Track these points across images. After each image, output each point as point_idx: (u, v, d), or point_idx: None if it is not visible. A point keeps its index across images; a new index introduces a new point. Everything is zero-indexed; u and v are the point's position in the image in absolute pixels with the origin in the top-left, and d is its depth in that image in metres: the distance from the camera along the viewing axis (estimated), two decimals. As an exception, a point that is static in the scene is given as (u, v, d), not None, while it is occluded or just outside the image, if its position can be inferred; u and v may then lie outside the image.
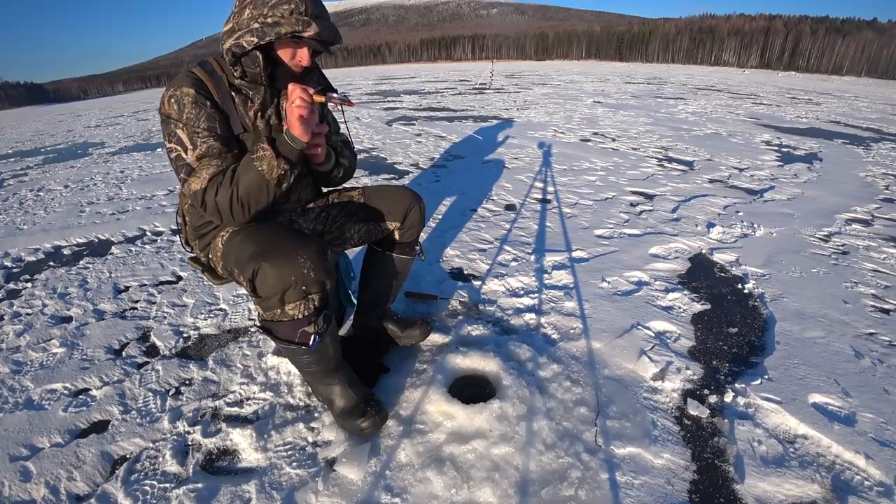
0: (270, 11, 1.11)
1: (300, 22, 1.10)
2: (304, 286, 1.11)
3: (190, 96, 1.15)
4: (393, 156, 5.10)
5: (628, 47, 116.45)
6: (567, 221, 3.03)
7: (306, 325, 1.16)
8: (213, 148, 1.16)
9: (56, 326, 2.02)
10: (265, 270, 1.09)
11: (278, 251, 1.11)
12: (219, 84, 1.20)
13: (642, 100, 10.88)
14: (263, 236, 1.17)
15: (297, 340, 1.19)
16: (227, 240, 1.26)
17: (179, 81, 1.17)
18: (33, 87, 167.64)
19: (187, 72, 1.21)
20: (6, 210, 3.98)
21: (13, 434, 1.42)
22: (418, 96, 12.18)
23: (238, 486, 1.21)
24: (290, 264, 1.09)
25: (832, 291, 2.15)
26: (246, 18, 1.13)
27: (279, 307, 1.13)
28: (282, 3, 1.10)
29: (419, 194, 1.55)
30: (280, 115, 1.31)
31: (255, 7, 1.12)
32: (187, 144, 1.15)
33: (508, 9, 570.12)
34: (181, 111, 1.15)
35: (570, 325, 1.87)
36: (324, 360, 1.30)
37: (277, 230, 1.20)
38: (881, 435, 1.34)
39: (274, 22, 1.11)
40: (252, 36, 1.12)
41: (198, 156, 1.16)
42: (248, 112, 1.25)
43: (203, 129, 1.16)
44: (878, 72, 70.96)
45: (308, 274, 1.10)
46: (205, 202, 1.16)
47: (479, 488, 1.17)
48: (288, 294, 1.11)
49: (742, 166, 4.54)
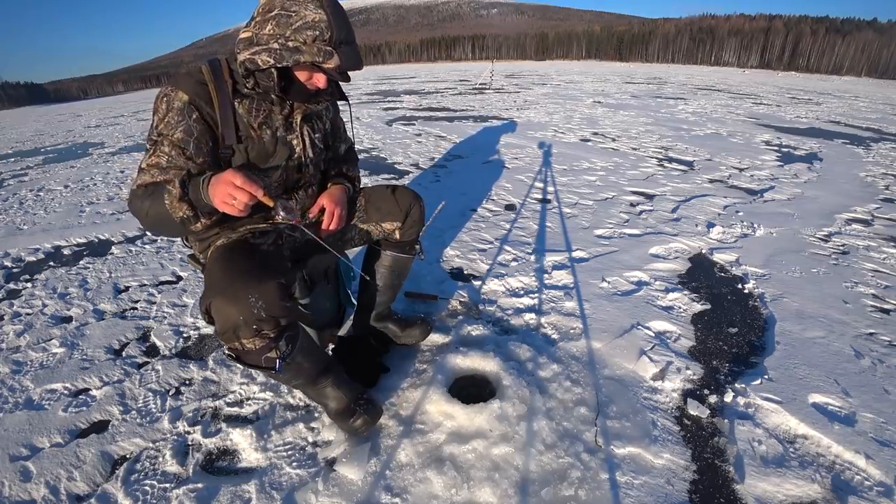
0: (293, 35, 1.05)
1: (321, 52, 1.06)
2: (254, 325, 1.06)
3: (181, 101, 1.11)
4: (393, 156, 5.10)
5: (628, 47, 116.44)
6: (567, 221, 3.03)
7: (268, 352, 1.12)
8: (170, 160, 1.10)
9: (56, 326, 2.02)
10: (216, 306, 1.05)
11: (231, 289, 1.05)
12: (222, 90, 1.15)
13: (642, 100, 10.88)
14: (227, 265, 1.13)
15: (264, 365, 1.15)
16: (211, 253, 1.24)
17: (178, 82, 1.14)
18: (33, 87, 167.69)
19: (194, 71, 1.17)
20: (6, 210, 3.98)
21: (13, 434, 1.42)
22: (418, 96, 12.18)
23: (238, 486, 1.21)
24: (238, 304, 1.03)
25: (832, 291, 2.15)
26: (266, 34, 1.07)
27: (236, 341, 1.08)
28: (306, 28, 1.04)
29: (419, 194, 1.55)
30: (289, 128, 1.26)
31: (279, 25, 1.06)
32: (149, 147, 1.12)
33: (508, 9, 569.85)
34: (165, 113, 1.11)
35: (570, 325, 1.87)
36: (301, 373, 1.26)
37: (244, 259, 1.14)
38: (881, 435, 1.34)
39: (294, 47, 1.06)
40: (269, 56, 1.08)
41: (149, 164, 1.11)
42: (253, 121, 1.20)
43: (171, 140, 1.10)
44: (878, 72, 70.96)
45: (258, 314, 1.04)
46: (130, 208, 1.13)
47: (479, 488, 1.17)
48: (240, 331, 1.06)
49: (742, 166, 4.54)
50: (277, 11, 1.06)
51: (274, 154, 1.24)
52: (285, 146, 1.26)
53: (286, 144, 1.26)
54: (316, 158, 1.36)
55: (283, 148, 1.25)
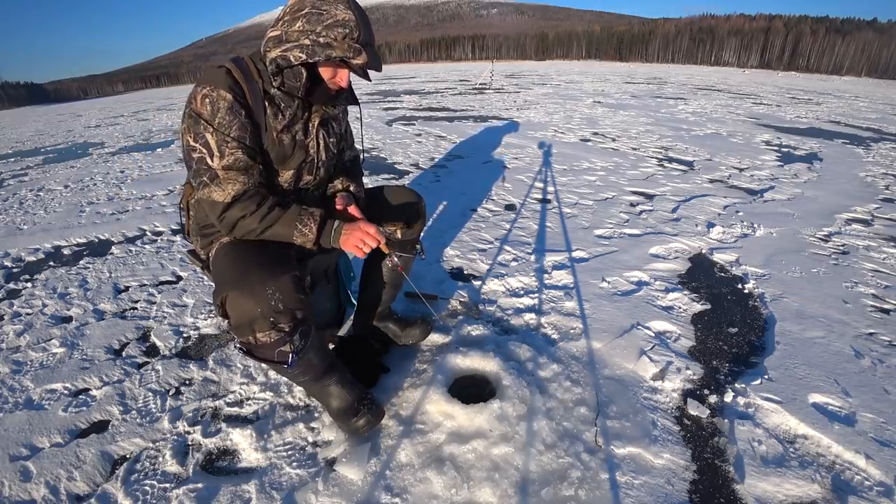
0: (325, 31, 1.08)
1: (352, 49, 1.09)
2: (271, 318, 1.08)
3: (227, 101, 1.11)
4: (393, 156, 5.10)
5: (628, 47, 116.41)
6: (567, 221, 3.03)
7: (282, 346, 1.14)
8: (240, 161, 1.14)
9: (56, 326, 2.02)
10: (233, 300, 1.07)
11: (247, 282, 1.07)
12: (254, 91, 1.16)
13: (642, 100, 10.88)
14: (240, 259, 1.14)
15: (276, 360, 1.16)
16: (217, 250, 1.25)
17: (216, 80, 1.12)
18: (33, 87, 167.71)
19: (223, 69, 1.15)
20: (6, 210, 3.98)
21: (13, 434, 1.42)
22: (418, 96, 12.18)
23: (238, 486, 1.21)
24: (257, 297, 1.06)
25: (832, 291, 2.15)
26: (297, 31, 1.10)
27: (250, 334, 1.10)
28: (337, 26, 1.08)
29: (420, 194, 1.55)
30: (307, 132, 1.28)
31: (309, 22, 1.09)
32: (214, 151, 1.12)
33: (508, 9, 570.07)
34: (214, 114, 1.11)
35: (570, 325, 1.87)
36: (310, 369, 1.28)
37: (256, 254, 1.16)
38: (881, 435, 1.34)
39: (326, 43, 1.09)
40: (301, 52, 1.10)
41: (224, 166, 1.13)
42: (277, 125, 1.22)
43: (233, 138, 1.12)
44: (878, 72, 70.95)
45: (276, 305, 1.07)
46: (224, 217, 1.15)
47: (479, 488, 1.17)
48: (256, 324, 1.08)
49: (742, 166, 4.54)
50: (308, 10, 1.09)
51: (291, 157, 1.27)
52: (302, 150, 1.28)
53: (303, 148, 1.28)
54: (328, 163, 1.38)
55: (300, 151, 1.28)
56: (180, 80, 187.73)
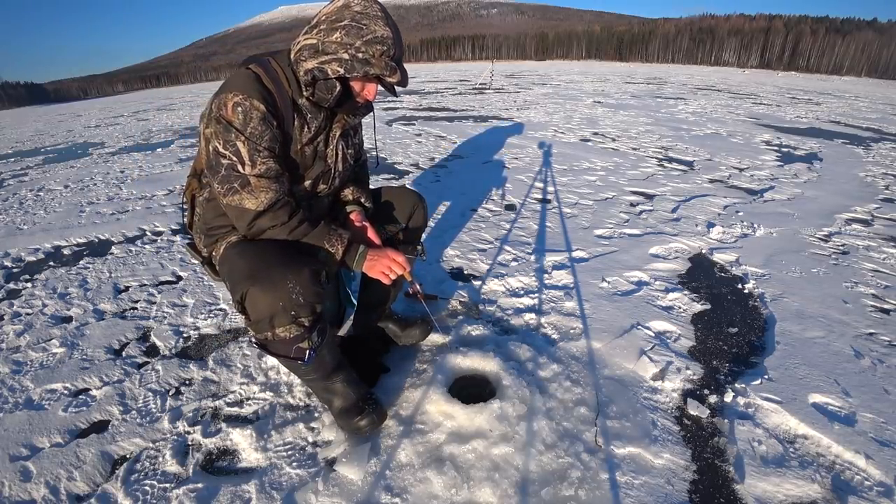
0: (364, 47, 1.09)
1: (388, 67, 1.11)
2: (292, 312, 1.09)
3: (260, 112, 1.10)
4: (393, 156, 5.10)
5: (628, 47, 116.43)
6: (567, 221, 3.03)
7: (300, 342, 1.15)
8: (272, 170, 1.14)
9: (56, 326, 2.02)
10: (253, 295, 1.07)
11: (267, 276, 1.07)
12: (285, 101, 1.17)
13: (642, 100, 10.88)
14: (257, 256, 1.14)
15: (293, 356, 1.17)
16: (226, 248, 1.25)
17: (247, 88, 1.11)
18: (33, 87, 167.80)
19: (254, 75, 1.14)
20: (6, 210, 3.98)
21: (13, 434, 1.42)
22: (418, 96, 12.18)
23: (238, 486, 1.21)
24: (279, 291, 1.06)
25: (832, 291, 2.15)
26: (335, 42, 1.09)
27: (269, 330, 1.11)
28: (376, 42, 1.09)
29: (422, 195, 1.55)
30: (327, 142, 1.29)
31: (349, 35, 1.08)
32: (245, 160, 1.12)
33: (508, 9, 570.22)
34: (246, 123, 1.10)
35: (570, 325, 1.87)
36: (321, 367, 1.29)
37: (273, 249, 1.16)
38: (881, 435, 1.34)
39: (365, 59, 1.09)
40: (339, 66, 1.10)
41: (257, 174, 1.13)
42: (302, 138, 1.22)
43: (265, 148, 1.13)
44: (878, 72, 70.97)
45: (297, 299, 1.08)
46: (254, 224, 1.16)
47: (479, 488, 1.17)
48: (277, 319, 1.09)
49: (742, 166, 4.54)
50: (348, 21, 1.09)
51: (311, 168, 1.28)
52: (321, 160, 1.29)
53: (322, 158, 1.29)
54: (344, 173, 1.39)
55: (320, 161, 1.29)
56: (180, 80, 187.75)
